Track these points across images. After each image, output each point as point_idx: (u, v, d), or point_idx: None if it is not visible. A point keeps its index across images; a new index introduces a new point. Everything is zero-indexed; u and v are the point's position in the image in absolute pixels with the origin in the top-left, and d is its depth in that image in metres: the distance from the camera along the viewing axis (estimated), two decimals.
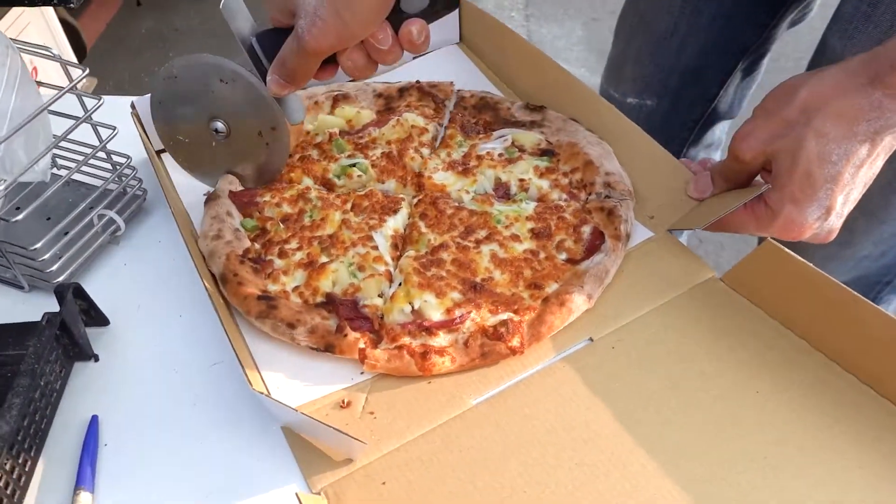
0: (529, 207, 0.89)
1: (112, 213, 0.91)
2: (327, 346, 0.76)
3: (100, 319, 0.83)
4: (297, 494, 0.65)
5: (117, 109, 0.95)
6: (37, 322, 0.76)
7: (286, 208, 0.91)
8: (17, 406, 0.68)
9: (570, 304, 0.78)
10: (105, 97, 0.90)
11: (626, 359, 0.77)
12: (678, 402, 0.73)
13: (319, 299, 0.81)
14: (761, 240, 0.81)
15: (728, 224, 0.84)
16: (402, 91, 1.08)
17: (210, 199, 0.92)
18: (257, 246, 0.87)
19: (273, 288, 0.82)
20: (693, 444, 0.70)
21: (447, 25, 1.21)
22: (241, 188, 0.95)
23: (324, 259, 0.84)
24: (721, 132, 1.48)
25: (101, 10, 3.47)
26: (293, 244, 0.87)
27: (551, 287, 0.81)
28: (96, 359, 0.81)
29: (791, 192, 0.77)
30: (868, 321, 0.71)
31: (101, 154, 0.92)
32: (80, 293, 0.79)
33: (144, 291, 0.89)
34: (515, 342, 0.75)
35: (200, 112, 0.89)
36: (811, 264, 0.75)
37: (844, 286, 0.72)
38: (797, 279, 0.76)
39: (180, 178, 0.99)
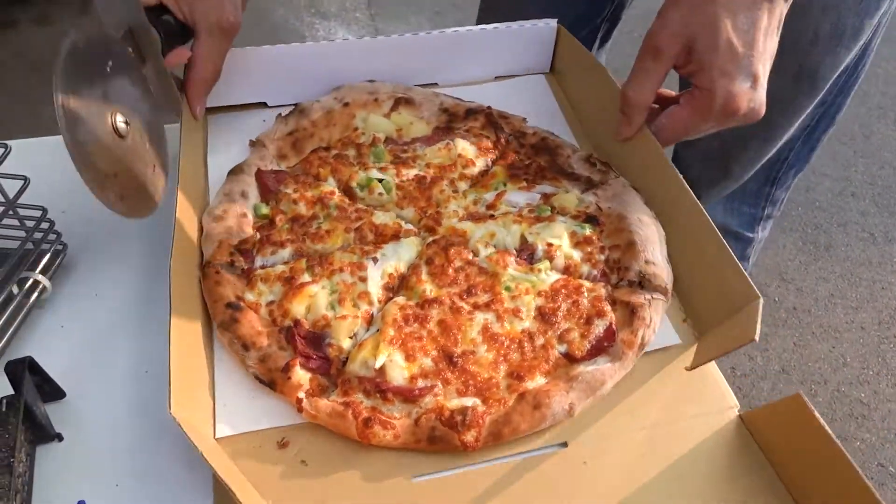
0: (548, 280, 0.79)
1: (36, 275, 0.81)
2: (270, 382, 0.71)
3: (55, 393, 0.73)
4: None
5: (25, 154, 0.83)
6: None
7: (301, 208, 0.87)
8: None
9: (546, 409, 0.69)
10: (10, 142, 0.79)
11: (595, 482, 0.67)
12: None
13: (287, 323, 0.76)
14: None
15: (674, 131, 0.86)
16: (469, 113, 0.99)
17: (233, 171, 0.89)
18: (258, 237, 0.84)
19: (249, 297, 0.78)
20: None
21: (539, 52, 1.11)
22: (273, 167, 0.92)
23: (306, 278, 0.79)
24: None
25: None
26: (286, 251, 0.83)
27: (534, 381, 0.72)
28: (60, 438, 0.71)
29: (721, 65, 0.81)
30: None
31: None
32: (33, 367, 0.69)
33: (95, 352, 0.78)
34: (470, 437, 0.67)
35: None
36: (830, 431, 0.63)
37: (856, 468, 0.60)
38: (815, 444, 0.64)
39: (217, 141, 0.96)
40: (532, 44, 1.09)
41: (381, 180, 0.90)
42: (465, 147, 0.94)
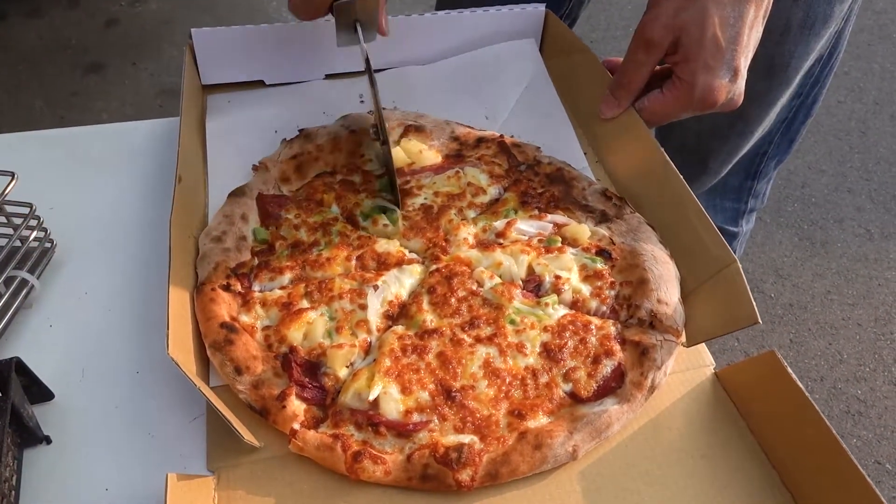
0: (555, 315, 0.76)
1: (24, 273, 0.78)
2: (263, 410, 0.68)
3: (43, 394, 0.70)
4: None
5: (11, 149, 0.80)
6: None
7: (303, 234, 0.84)
8: None
9: (547, 450, 0.65)
10: None
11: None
12: None
13: (284, 349, 0.73)
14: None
15: (654, 114, 0.90)
16: (481, 141, 0.97)
17: (234, 193, 0.86)
18: (256, 262, 0.81)
19: (244, 319, 0.75)
20: None
21: (528, 35, 1.12)
22: (275, 191, 0.89)
23: (304, 303, 0.76)
24: None
25: None
26: (285, 278, 0.80)
27: (537, 420, 0.68)
28: (48, 441, 0.68)
29: (704, 60, 0.84)
30: (838, 468, 0.62)
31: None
32: (20, 368, 0.66)
33: (85, 352, 0.75)
34: (465, 475, 0.64)
35: None
36: (801, 386, 0.65)
37: (825, 420, 0.62)
38: (787, 396, 0.66)
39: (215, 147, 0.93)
40: (521, 27, 1.11)
41: (385, 211, 0.87)
42: (475, 175, 0.91)
